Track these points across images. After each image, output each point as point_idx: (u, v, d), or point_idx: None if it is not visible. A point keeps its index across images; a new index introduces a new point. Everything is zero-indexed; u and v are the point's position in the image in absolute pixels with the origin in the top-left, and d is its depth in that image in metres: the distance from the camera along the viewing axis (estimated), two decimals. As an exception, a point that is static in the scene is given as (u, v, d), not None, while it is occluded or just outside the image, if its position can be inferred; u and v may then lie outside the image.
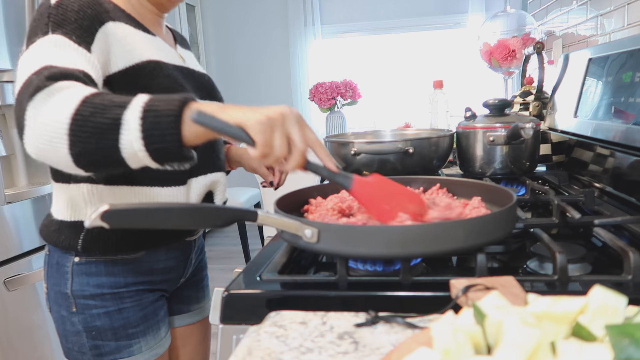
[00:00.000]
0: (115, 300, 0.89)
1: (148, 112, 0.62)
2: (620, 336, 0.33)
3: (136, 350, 0.91)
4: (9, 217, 1.67)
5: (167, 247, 0.94)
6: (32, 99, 0.64)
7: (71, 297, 0.88)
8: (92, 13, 0.77)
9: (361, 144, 1.11)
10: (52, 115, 0.63)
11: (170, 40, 1.00)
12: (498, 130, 1.14)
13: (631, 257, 0.61)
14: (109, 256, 0.88)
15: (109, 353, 0.89)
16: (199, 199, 0.93)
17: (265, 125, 0.61)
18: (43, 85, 0.65)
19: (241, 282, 0.66)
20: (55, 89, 0.65)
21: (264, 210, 0.63)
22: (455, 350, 0.36)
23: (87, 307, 0.88)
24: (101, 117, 0.62)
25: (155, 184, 0.86)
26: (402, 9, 4.12)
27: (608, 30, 1.53)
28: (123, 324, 0.89)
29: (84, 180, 0.83)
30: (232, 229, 3.83)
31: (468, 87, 3.91)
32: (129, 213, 0.57)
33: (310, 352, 0.50)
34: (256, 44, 4.33)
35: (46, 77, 0.66)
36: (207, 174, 0.94)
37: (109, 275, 0.88)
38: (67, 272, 0.88)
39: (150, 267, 0.92)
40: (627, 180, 0.94)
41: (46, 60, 0.69)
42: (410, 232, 0.60)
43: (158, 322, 0.95)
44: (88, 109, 0.62)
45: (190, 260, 1.02)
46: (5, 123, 1.83)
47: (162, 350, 0.96)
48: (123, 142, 0.62)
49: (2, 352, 1.60)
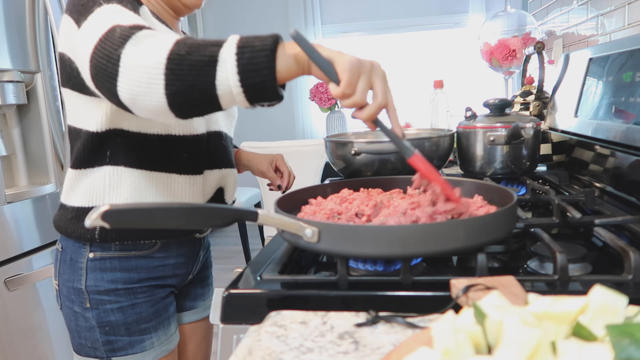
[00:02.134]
0: (128, 295, 0.90)
1: (243, 48, 0.63)
2: (621, 336, 0.33)
3: (148, 346, 0.92)
4: (10, 216, 1.67)
5: (178, 243, 0.96)
6: (123, 46, 0.66)
7: (85, 292, 0.89)
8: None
9: (361, 143, 1.11)
10: (147, 57, 0.65)
11: None
12: (498, 130, 1.14)
13: (631, 257, 0.61)
14: (123, 251, 0.90)
15: (122, 348, 0.90)
16: (211, 193, 0.96)
17: (354, 67, 0.62)
18: (130, 33, 0.67)
19: (241, 282, 0.66)
20: (143, 35, 0.67)
21: (265, 210, 0.63)
22: (455, 350, 0.36)
23: (101, 303, 0.89)
24: (197, 54, 0.63)
25: (173, 171, 0.89)
26: (402, 8, 4.12)
27: (608, 30, 1.53)
28: (136, 319, 0.91)
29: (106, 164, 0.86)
30: (232, 228, 3.83)
31: (468, 87, 3.91)
32: (130, 213, 0.57)
33: (311, 352, 0.50)
34: (256, 43, 4.32)
35: (129, 27, 0.68)
36: (221, 168, 0.97)
37: (123, 270, 0.90)
38: (81, 267, 0.89)
39: (162, 264, 0.94)
40: (628, 180, 0.94)
41: (113, 21, 0.71)
42: (410, 232, 0.60)
43: (169, 317, 0.97)
44: (183, 49, 0.64)
45: (198, 257, 1.04)
46: (6, 123, 1.83)
47: (172, 346, 0.98)
48: (219, 78, 0.63)
49: (2, 352, 1.60)
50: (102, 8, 0.75)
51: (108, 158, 0.86)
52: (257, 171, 1.18)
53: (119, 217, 0.56)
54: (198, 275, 1.09)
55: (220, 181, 0.98)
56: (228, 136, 1.03)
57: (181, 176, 0.90)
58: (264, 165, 1.17)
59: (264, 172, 1.17)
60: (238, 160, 1.19)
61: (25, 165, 1.88)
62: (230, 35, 0.65)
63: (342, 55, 0.63)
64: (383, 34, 4.21)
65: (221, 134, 0.98)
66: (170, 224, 0.61)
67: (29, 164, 1.88)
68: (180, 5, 0.94)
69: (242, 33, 0.67)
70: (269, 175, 1.17)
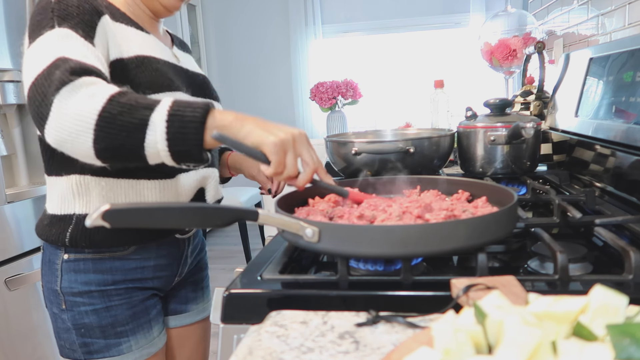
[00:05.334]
0: (103, 297, 0.89)
1: (174, 116, 0.67)
2: (621, 336, 0.33)
3: (125, 349, 0.91)
4: (10, 216, 1.67)
5: (156, 245, 0.93)
6: (58, 91, 0.67)
7: (61, 294, 0.89)
8: (89, 7, 0.80)
9: (362, 143, 1.11)
10: (79, 109, 0.66)
11: (166, 41, 1.01)
12: (499, 130, 1.14)
13: (632, 257, 0.61)
14: (96, 253, 0.88)
15: (98, 351, 0.89)
16: (190, 195, 0.94)
17: (279, 148, 0.68)
18: (68, 79, 0.68)
19: (242, 282, 0.66)
20: (81, 83, 0.68)
21: (265, 210, 0.63)
22: (456, 349, 0.36)
23: (76, 305, 0.88)
24: (129, 116, 0.67)
25: (142, 177, 0.87)
26: (402, 8, 4.11)
27: (609, 29, 1.53)
28: (111, 322, 0.89)
29: (73, 172, 0.85)
30: (232, 228, 3.83)
31: (469, 87, 3.91)
32: (130, 212, 0.57)
33: (311, 351, 0.50)
34: (257, 43, 4.33)
35: (69, 71, 0.69)
36: (197, 169, 0.94)
37: (96, 272, 0.88)
38: (57, 269, 0.89)
39: (140, 265, 0.92)
40: (628, 180, 0.93)
41: (59, 52, 0.72)
42: (411, 232, 0.60)
43: (149, 321, 0.95)
44: (116, 108, 0.67)
45: (185, 259, 1.01)
46: (6, 123, 1.83)
47: (154, 350, 0.96)
48: (148, 141, 0.67)
49: (3, 352, 1.60)
50: (52, 32, 0.74)
51: (75, 166, 0.84)
52: (248, 175, 1.15)
53: (120, 217, 0.56)
54: (189, 277, 1.06)
55: (199, 182, 0.95)
56: None
57: (151, 181, 0.87)
58: (255, 169, 1.14)
59: (254, 176, 1.15)
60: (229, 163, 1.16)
61: (26, 165, 1.88)
62: (164, 99, 0.69)
63: (266, 136, 0.68)
64: (383, 33, 4.21)
65: None
66: (170, 224, 0.61)
67: (29, 164, 1.88)
68: (159, 6, 0.93)
69: (242, 35, 0.68)
70: (260, 179, 1.15)
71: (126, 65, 0.83)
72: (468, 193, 0.82)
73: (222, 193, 1.04)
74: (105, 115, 0.66)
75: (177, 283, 1.03)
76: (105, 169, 0.84)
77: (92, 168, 0.84)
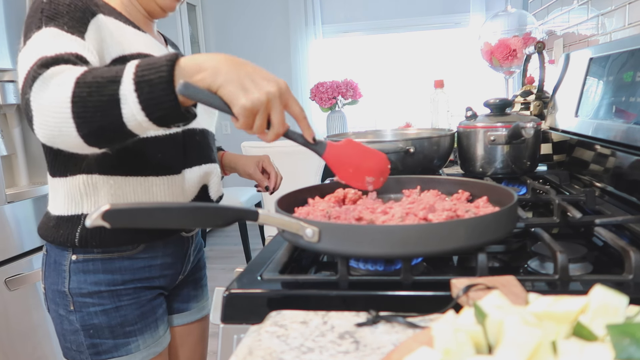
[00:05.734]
0: (112, 298, 0.89)
1: (141, 82, 0.63)
2: (621, 336, 0.33)
3: (134, 349, 0.91)
4: (10, 216, 1.67)
5: (163, 243, 0.94)
6: (31, 89, 0.67)
7: (69, 295, 0.88)
8: (82, 5, 0.80)
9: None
10: (52, 102, 0.66)
11: (161, 41, 1.03)
12: (499, 130, 1.14)
13: (632, 257, 0.61)
14: (106, 253, 0.88)
15: (107, 351, 0.89)
16: (195, 191, 0.95)
17: (249, 111, 0.64)
18: (37, 74, 0.67)
19: (242, 282, 0.66)
20: (49, 75, 0.67)
21: (265, 210, 0.63)
22: (456, 349, 0.36)
23: (85, 305, 0.88)
24: (98, 95, 0.64)
25: (150, 174, 0.87)
26: (402, 8, 4.11)
27: (609, 29, 1.53)
28: (120, 322, 0.90)
29: (79, 172, 0.85)
30: (232, 228, 3.83)
31: (469, 87, 3.91)
32: (130, 212, 0.57)
33: (311, 351, 0.50)
34: (257, 43, 4.33)
35: (39, 65, 0.68)
36: (201, 165, 0.95)
37: (106, 272, 0.88)
38: (64, 270, 0.89)
39: (148, 264, 0.92)
40: (628, 180, 0.93)
41: (40, 52, 0.72)
42: (411, 232, 0.60)
43: (156, 320, 0.95)
44: (84, 90, 0.64)
45: (188, 257, 1.02)
46: (6, 123, 1.83)
47: (160, 349, 0.96)
48: (126, 115, 0.64)
49: (2, 352, 1.60)
50: (39, 33, 0.75)
51: (81, 166, 0.84)
52: (244, 173, 1.16)
53: (120, 217, 0.56)
54: (190, 276, 1.07)
55: (202, 178, 0.96)
56: (208, 132, 1.01)
57: (159, 177, 0.88)
58: (251, 167, 1.16)
59: (250, 174, 1.15)
60: (223, 162, 1.17)
61: (26, 165, 1.88)
62: (126, 65, 0.65)
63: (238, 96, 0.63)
64: (383, 33, 4.21)
65: (198, 130, 0.96)
66: (170, 224, 0.61)
67: (29, 164, 1.88)
68: (155, 7, 0.94)
69: (242, 35, 0.68)
70: (256, 177, 1.15)
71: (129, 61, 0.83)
72: (468, 193, 0.82)
73: (222, 190, 1.05)
74: (77, 101, 0.64)
75: (180, 282, 1.04)
76: (113, 167, 0.85)
77: (100, 167, 0.85)
